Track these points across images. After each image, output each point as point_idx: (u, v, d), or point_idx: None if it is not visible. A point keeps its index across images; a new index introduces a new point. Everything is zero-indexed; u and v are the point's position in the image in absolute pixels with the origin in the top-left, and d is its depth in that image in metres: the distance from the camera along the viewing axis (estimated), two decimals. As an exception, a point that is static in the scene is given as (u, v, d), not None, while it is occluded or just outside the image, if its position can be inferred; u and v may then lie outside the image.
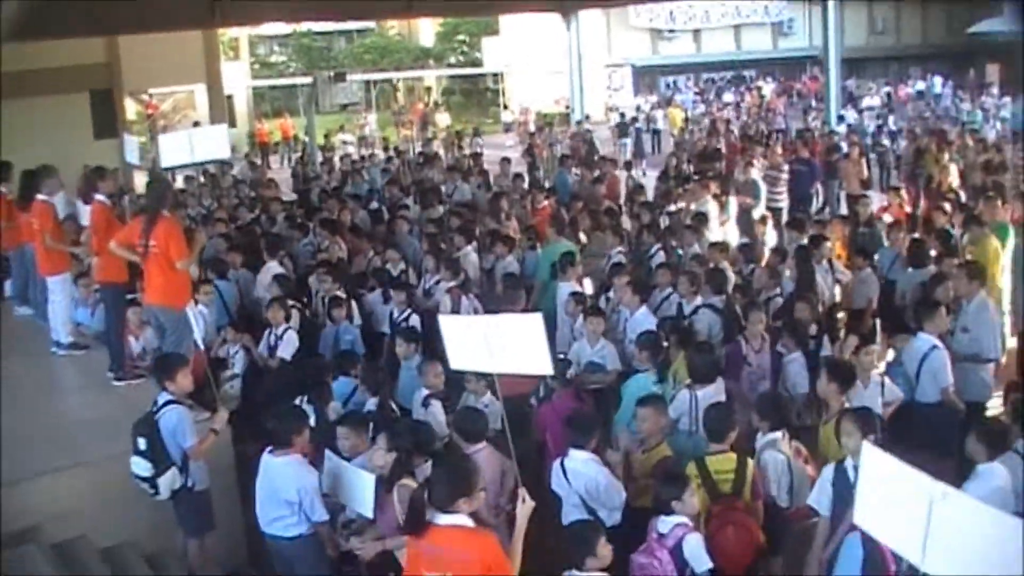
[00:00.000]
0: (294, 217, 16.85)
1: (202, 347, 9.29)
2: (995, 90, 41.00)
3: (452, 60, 58.45)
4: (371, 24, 59.11)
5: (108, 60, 27.16)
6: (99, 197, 10.90)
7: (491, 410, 8.69)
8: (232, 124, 37.62)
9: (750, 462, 7.04)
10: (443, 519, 5.31)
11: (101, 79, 27.07)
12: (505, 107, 50.02)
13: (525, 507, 5.63)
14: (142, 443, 7.54)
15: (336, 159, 28.79)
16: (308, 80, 35.00)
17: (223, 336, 11.49)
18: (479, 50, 56.29)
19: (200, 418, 8.10)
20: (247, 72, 50.87)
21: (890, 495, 4.44)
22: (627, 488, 7.21)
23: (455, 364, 6.38)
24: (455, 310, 11.65)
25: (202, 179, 22.31)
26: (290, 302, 11.57)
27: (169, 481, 7.58)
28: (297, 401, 8.65)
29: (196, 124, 31.23)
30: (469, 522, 5.32)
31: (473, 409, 7.92)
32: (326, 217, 15.94)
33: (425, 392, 8.83)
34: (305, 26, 55.65)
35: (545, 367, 5.93)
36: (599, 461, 7.24)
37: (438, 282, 12.39)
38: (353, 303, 12.03)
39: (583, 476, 7.09)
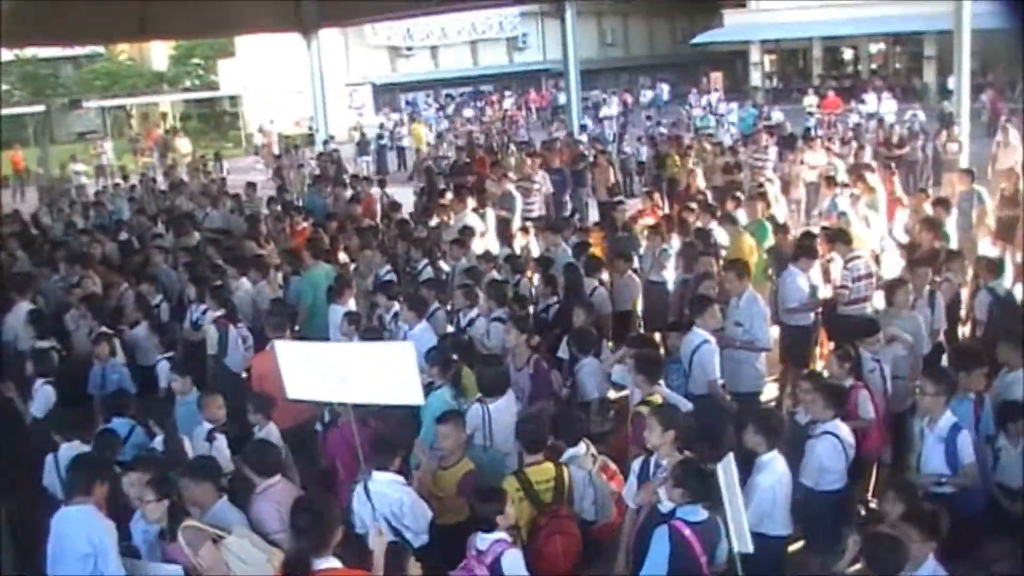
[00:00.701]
0: (40, 252, 15.91)
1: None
2: (719, 96, 43.15)
3: (188, 84, 56.80)
4: (100, 49, 56.78)
5: None
6: None
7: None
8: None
9: (566, 470, 7.09)
10: (319, 564, 5.19)
11: None
12: (255, 131, 48.81)
13: (381, 539, 5.53)
14: None
15: (72, 191, 27.46)
16: (39, 108, 33.30)
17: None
18: (215, 73, 55.00)
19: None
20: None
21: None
22: (431, 506, 7.15)
23: (293, 394, 6.46)
24: (223, 340, 11.35)
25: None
26: (47, 344, 10.96)
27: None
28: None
29: None
30: (339, 563, 5.19)
31: (264, 442, 7.67)
32: (76, 251, 15.17)
33: (207, 426, 8.50)
34: (29, 52, 52.84)
35: (416, 396, 6.27)
36: (404, 482, 7.13)
37: (204, 312, 11.99)
38: (115, 339, 11.46)
39: (388, 498, 6.97)
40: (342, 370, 6.13)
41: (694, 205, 15.48)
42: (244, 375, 11.05)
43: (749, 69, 55.09)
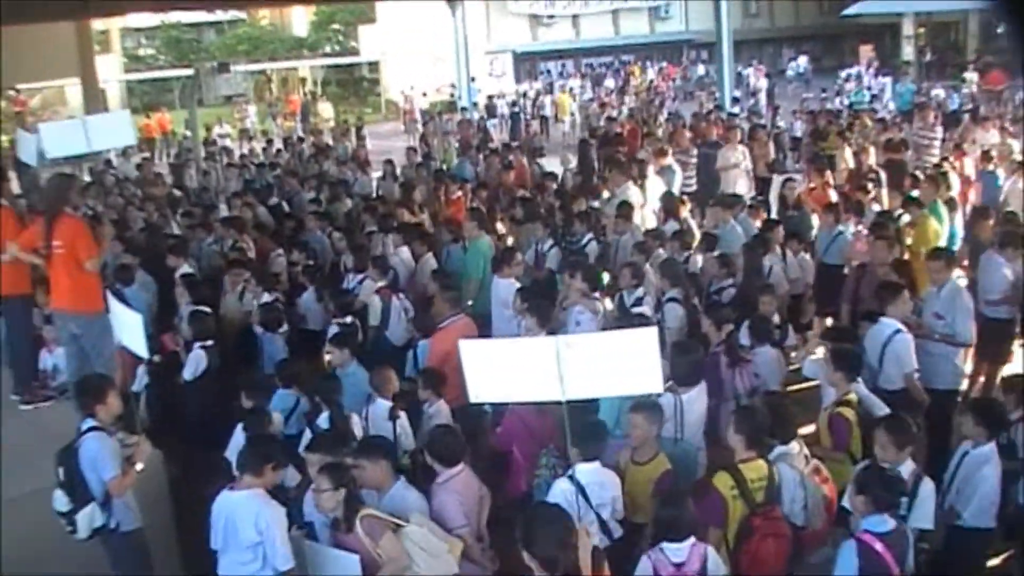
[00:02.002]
0: (191, 215, 15.75)
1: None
2: (873, 70, 41.50)
3: (327, 49, 57.01)
4: (241, 15, 57.43)
5: (-25, 55, 25.42)
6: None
7: (436, 418, 8.10)
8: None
9: (774, 469, 6.45)
10: None
11: (-32, 77, 25.32)
12: (395, 97, 48.69)
13: (589, 540, 5.04)
14: (61, 473, 6.73)
15: (217, 153, 27.53)
16: (184, 72, 33.49)
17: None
18: (355, 39, 55.01)
19: (129, 441, 7.24)
20: (119, 65, 48.88)
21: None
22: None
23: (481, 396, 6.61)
24: (385, 311, 10.95)
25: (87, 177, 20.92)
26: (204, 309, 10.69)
27: (88, 518, 6.71)
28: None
29: (25, 121, 29.68)
30: None
31: (449, 428, 7.08)
32: (230, 215, 14.98)
33: (383, 403, 8.07)
34: (173, 18, 53.70)
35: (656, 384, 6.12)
36: (612, 473, 6.65)
37: (361, 281, 11.58)
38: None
39: (607, 492, 6.52)
40: (597, 363, 5.93)
41: (869, 184, 14.56)
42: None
43: (901, 42, 52.91)
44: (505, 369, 6.08)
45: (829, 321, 11.90)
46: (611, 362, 5.90)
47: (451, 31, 33.09)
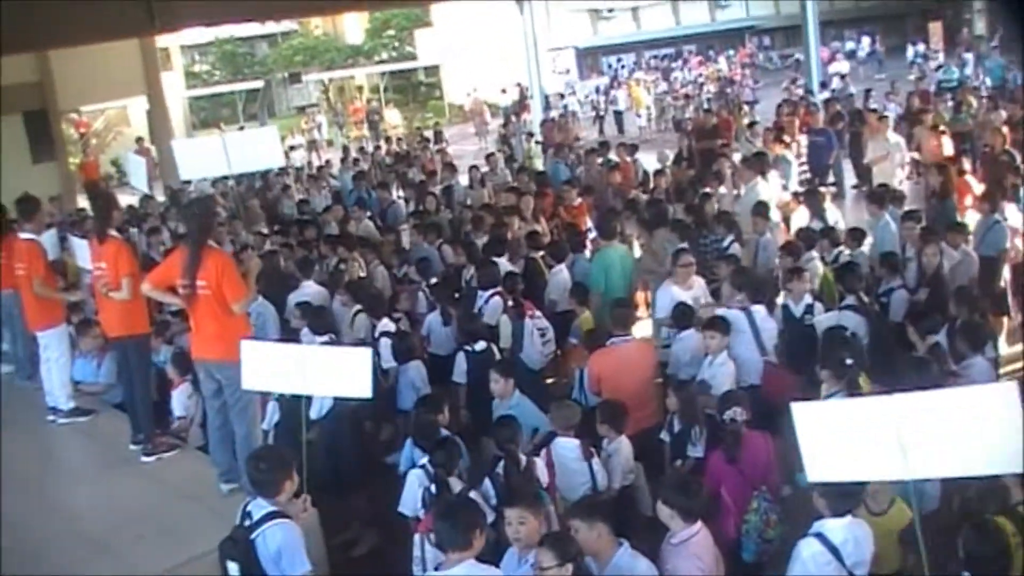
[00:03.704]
0: (286, 232, 14.84)
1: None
2: (964, 47, 39.95)
3: (384, 56, 56.22)
4: (294, 26, 56.75)
5: (40, 78, 24.91)
6: (25, 235, 9.35)
7: (616, 458, 7.15)
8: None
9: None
10: None
11: (34, 99, 24.86)
12: (456, 100, 47.70)
13: None
14: (233, 569, 5.55)
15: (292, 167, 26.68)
16: (249, 86, 32.77)
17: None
18: (412, 44, 54.23)
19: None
20: (181, 82, 48.41)
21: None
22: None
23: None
24: (517, 333, 10.02)
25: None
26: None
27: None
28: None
29: (139, 140, 29.06)
30: None
31: (689, 475, 6.06)
32: (336, 232, 14.09)
33: (569, 442, 7.06)
34: (226, 32, 53.10)
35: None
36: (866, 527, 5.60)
37: (489, 300, 10.56)
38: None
39: (862, 551, 5.47)
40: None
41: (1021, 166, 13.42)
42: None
43: (973, 17, 51.11)
44: (840, 438, 4.92)
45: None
46: (961, 426, 4.68)
47: (513, 30, 32.23)
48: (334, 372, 6.51)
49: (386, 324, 10.21)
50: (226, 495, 7.42)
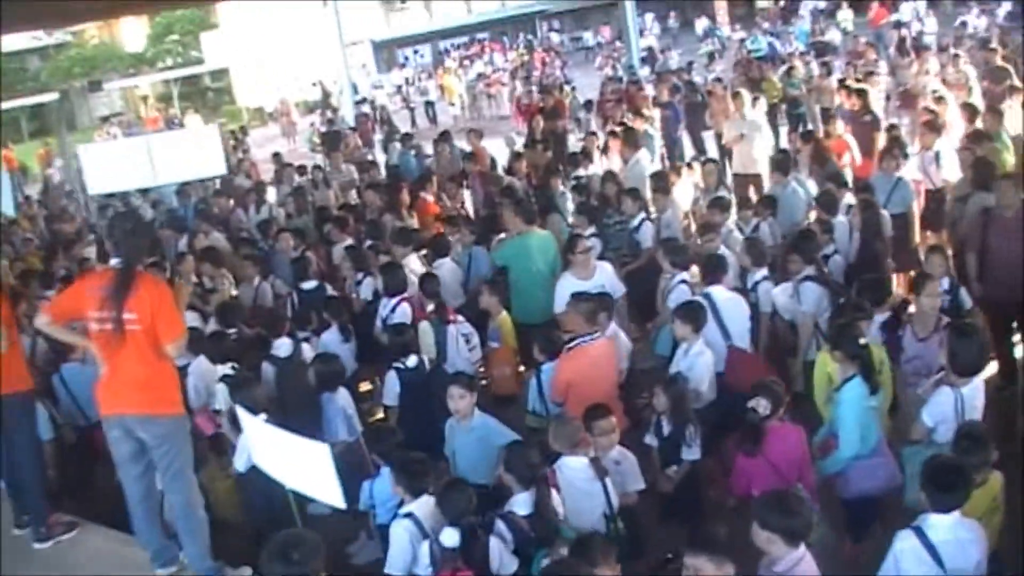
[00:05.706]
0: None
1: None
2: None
3: (169, 62, 53.62)
4: (67, 38, 53.45)
5: None
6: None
7: (625, 463, 6.49)
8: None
9: None
10: None
11: None
12: (248, 104, 45.85)
13: None
14: None
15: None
16: (33, 100, 30.23)
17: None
18: (197, 48, 51.87)
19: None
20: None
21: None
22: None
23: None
24: (441, 337, 9.02)
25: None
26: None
27: None
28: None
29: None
30: None
31: (797, 497, 5.18)
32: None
33: (577, 460, 6.12)
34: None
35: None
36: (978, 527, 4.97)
37: (395, 307, 9.35)
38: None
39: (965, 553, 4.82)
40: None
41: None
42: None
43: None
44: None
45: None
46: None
47: (305, 27, 31.29)
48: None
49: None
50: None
